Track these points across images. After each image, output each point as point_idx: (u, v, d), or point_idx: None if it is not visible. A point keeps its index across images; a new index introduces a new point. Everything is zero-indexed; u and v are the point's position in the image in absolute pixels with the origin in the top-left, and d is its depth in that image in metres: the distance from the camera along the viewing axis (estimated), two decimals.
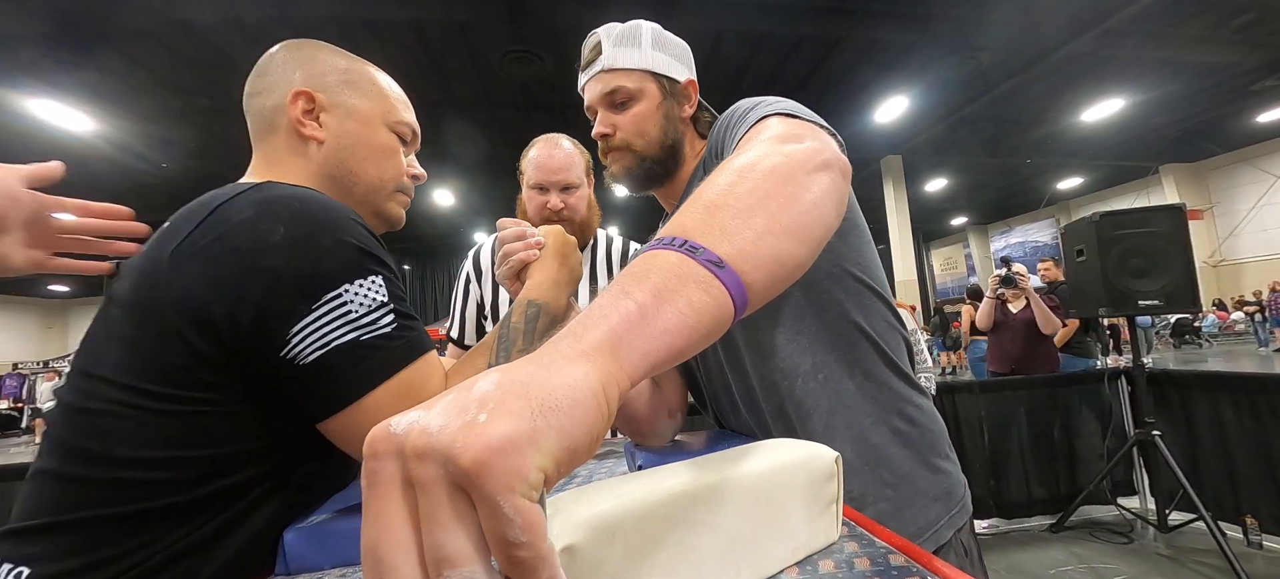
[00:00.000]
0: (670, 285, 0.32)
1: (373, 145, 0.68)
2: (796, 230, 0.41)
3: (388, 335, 0.52)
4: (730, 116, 0.69)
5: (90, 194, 0.71)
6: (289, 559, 0.49)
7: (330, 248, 0.51)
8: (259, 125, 0.66)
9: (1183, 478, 2.43)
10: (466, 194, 10.44)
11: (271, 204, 0.52)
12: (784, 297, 0.68)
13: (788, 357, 0.69)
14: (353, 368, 0.50)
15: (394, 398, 0.52)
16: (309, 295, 0.49)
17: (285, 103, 0.64)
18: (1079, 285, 2.91)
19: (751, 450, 0.42)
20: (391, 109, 0.70)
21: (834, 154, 0.49)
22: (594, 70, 0.77)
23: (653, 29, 0.78)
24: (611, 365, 0.27)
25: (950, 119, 8.21)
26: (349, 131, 0.66)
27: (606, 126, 0.77)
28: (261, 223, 0.50)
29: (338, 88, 0.66)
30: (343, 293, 0.50)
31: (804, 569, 0.39)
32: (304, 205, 0.53)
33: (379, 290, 0.53)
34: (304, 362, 0.49)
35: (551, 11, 4.98)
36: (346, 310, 0.50)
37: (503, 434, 0.20)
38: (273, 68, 0.67)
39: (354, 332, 0.50)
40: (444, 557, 0.19)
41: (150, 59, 5.33)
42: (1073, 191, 14.77)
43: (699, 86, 0.82)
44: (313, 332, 0.49)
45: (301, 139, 0.65)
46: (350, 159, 0.66)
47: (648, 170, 0.78)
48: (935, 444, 0.72)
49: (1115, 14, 5.51)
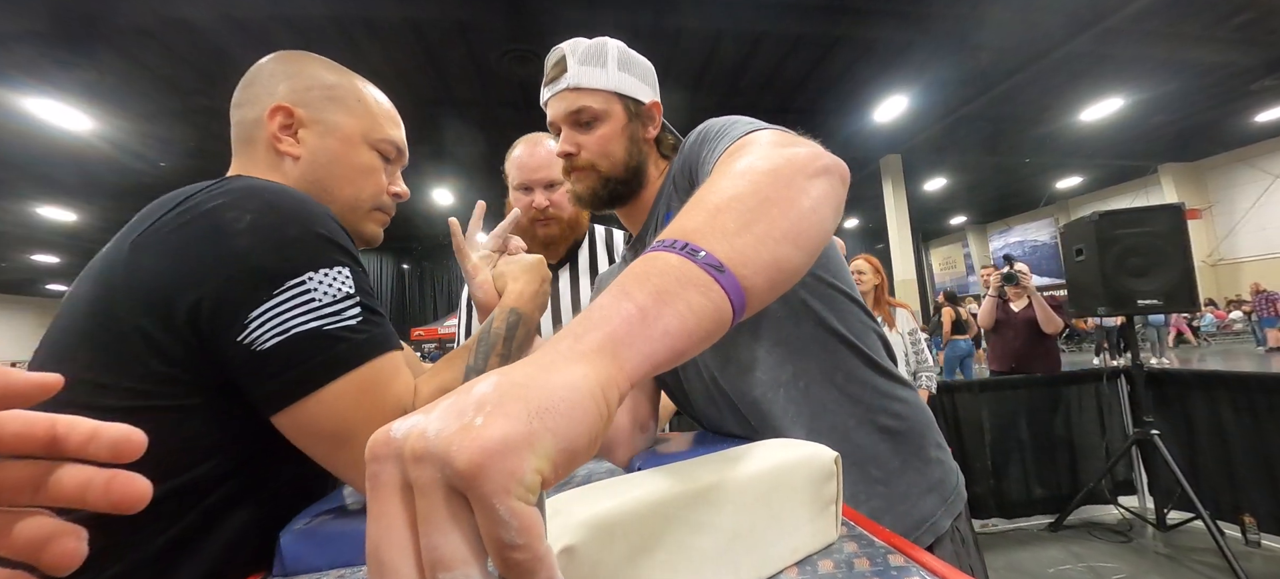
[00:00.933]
0: (670, 288, 0.32)
1: (351, 164, 0.67)
2: (795, 236, 0.41)
3: (352, 327, 0.50)
4: (704, 133, 0.68)
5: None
6: (286, 560, 0.49)
7: (296, 236, 0.50)
8: (239, 135, 0.66)
9: (1181, 477, 2.44)
10: (465, 193, 10.43)
11: (242, 193, 0.51)
12: (763, 310, 0.68)
13: (768, 368, 0.69)
14: (313, 356, 0.48)
15: (356, 391, 0.50)
16: (271, 281, 0.48)
17: (264, 116, 0.64)
18: (1078, 284, 2.91)
19: (751, 450, 0.42)
20: (375, 126, 0.69)
21: (833, 159, 0.49)
22: (558, 87, 0.76)
23: (619, 48, 0.77)
24: (611, 367, 0.27)
25: (949, 118, 8.21)
26: (327, 149, 0.65)
27: (571, 145, 0.76)
28: (228, 210, 0.49)
29: (320, 103, 0.66)
30: (306, 280, 0.49)
31: (803, 569, 0.39)
32: (275, 196, 0.51)
33: (345, 281, 0.51)
34: (260, 347, 0.47)
35: (551, 10, 4.98)
36: (310, 298, 0.49)
37: (499, 437, 0.20)
38: (258, 79, 0.66)
39: (316, 320, 0.49)
40: (439, 559, 0.19)
41: (148, 58, 5.33)
42: (1072, 191, 14.79)
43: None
44: (272, 317, 0.47)
45: (277, 154, 0.64)
46: (326, 177, 0.66)
47: (611, 191, 0.78)
48: (924, 436, 0.72)
49: (1114, 13, 5.52)
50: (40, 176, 7.83)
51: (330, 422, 0.49)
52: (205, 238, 0.48)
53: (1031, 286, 3.34)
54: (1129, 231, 2.66)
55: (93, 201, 9.06)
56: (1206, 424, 2.78)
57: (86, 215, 9.85)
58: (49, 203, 9.14)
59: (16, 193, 8.57)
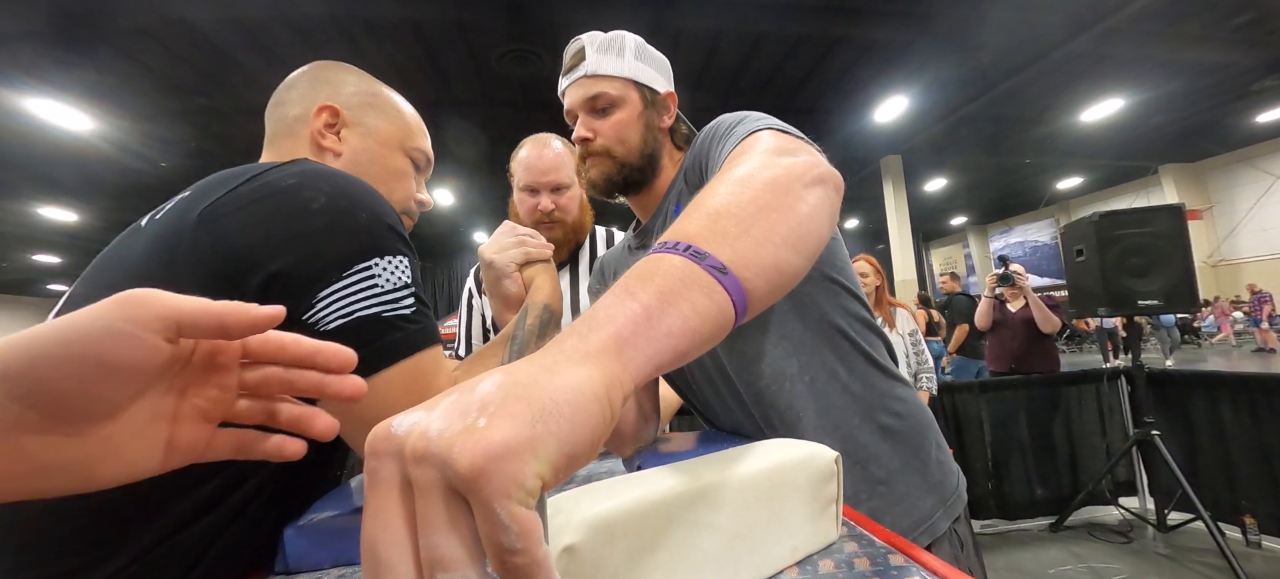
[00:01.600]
0: (675, 289, 0.32)
1: (387, 167, 0.70)
2: (794, 240, 0.42)
3: (407, 317, 0.52)
4: (714, 129, 0.69)
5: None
6: (289, 557, 0.49)
7: (367, 222, 0.52)
8: (278, 130, 0.68)
9: (1182, 478, 2.43)
10: (465, 193, 10.44)
11: (314, 175, 0.52)
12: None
13: (774, 362, 0.70)
14: (372, 341, 0.49)
15: (405, 379, 0.51)
16: (342, 263, 0.49)
17: (310, 114, 0.67)
18: (1079, 285, 2.91)
19: (751, 450, 0.42)
20: (410, 135, 0.73)
21: (828, 169, 0.51)
22: (576, 75, 0.78)
23: (636, 40, 0.79)
24: (615, 367, 0.27)
25: (949, 118, 8.20)
26: (366, 150, 0.69)
27: (587, 131, 0.78)
28: (304, 189, 0.50)
29: (361, 108, 0.69)
30: (373, 265, 0.50)
31: (804, 569, 0.39)
32: (346, 182, 0.54)
33: (404, 271, 0.53)
34: (326, 328, 0.48)
35: (550, 10, 4.97)
36: (375, 283, 0.50)
37: (501, 440, 0.20)
38: (300, 82, 0.70)
39: (378, 305, 0.50)
40: (438, 559, 0.19)
41: (148, 58, 5.32)
42: (1072, 191, 14.77)
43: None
44: (340, 298, 0.49)
45: (319, 150, 0.67)
46: (363, 176, 0.66)
47: (625, 177, 0.79)
48: (924, 436, 0.72)
49: (1114, 13, 5.51)
50: (40, 176, 7.82)
51: (377, 408, 0.49)
52: (283, 214, 0.49)
53: (1027, 287, 3.35)
54: (1129, 232, 2.67)
55: (93, 201, 9.05)
56: (1207, 424, 2.78)
57: (87, 215, 9.84)
58: (49, 203, 9.13)
59: (16, 193, 8.57)
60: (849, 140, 8.75)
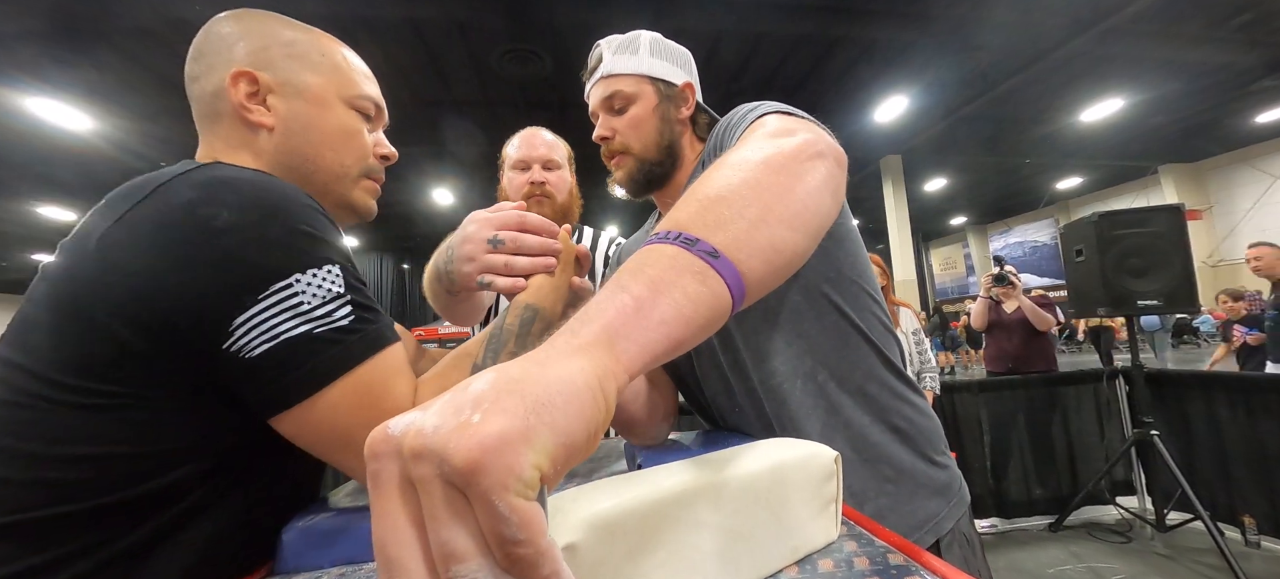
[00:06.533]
0: (666, 277, 0.32)
1: (329, 127, 0.61)
2: (791, 219, 0.41)
3: (344, 329, 0.48)
4: (729, 119, 0.71)
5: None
6: (287, 558, 0.49)
7: (279, 236, 0.47)
8: (202, 112, 0.59)
9: (1181, 477, 2.44)
10: (466, 193, 10.42)
11: (215, 186, 0.47)
12: (783, 300, 0.70)
13: (787, 360, 0.69)
14: (305, 362, 0.46)
15: (352, 395, 0.48)
16: (254, 286, 0.45)
17: (225, 85, 0.57)
18: (1078, 285, 2.92)
19: (751, 450, 0.42)
20: (348, 82, 0.63)
21: (828, 144, 0.50)
22: (595, 77, 0.81)
23: (652, 37, 0.81)
24: (608, 359, 0.27)
25: (949, 119, 8.20)
26: (298, 114, 0.59)
27: (606, 130, 0.80)
28: (202, 207, 0.45)
29: (284, 63, 0.59)
30: (293, 283, 0.46)
31: (803, 568, 0.39)
32: (252, 188, 0.48)
33: (335, 281, 0.48)
34: (250, 355, 0.45)
35: (550, 10, 4.97)
36: (297, 301, 0.46)
37: (496, 433, 0.20)
38: (210, 45, 0.59)
39: (306, 324, 0.46)
40: (450, 553, 0.19)
41: (148, 58, 5.31)
42: (1072, 191, 14.76)
43: (697, 86, 0.84)
44: (259, 323, 0.45)
45: (249, 126, 0.58)
46: (304, 145, 0.60)
47: (648, 172, 0.81)
48: (933, 440, 0.73)
49: (1114, 13, 5.51)
50: (40, 176, 7.82)
51: (330, 426, 0.48)
52: (180, 240, 0.44)
53: (1019, 288, 3.37)
54: (1129, 232, 2.67)
55: (93, 201, 8.86)
56: (1205, 425, 2.78)
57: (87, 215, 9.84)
58: (49, 203, 9.12)
59: (16, 193, 8.56)
60: (849, 140, 8.75)
